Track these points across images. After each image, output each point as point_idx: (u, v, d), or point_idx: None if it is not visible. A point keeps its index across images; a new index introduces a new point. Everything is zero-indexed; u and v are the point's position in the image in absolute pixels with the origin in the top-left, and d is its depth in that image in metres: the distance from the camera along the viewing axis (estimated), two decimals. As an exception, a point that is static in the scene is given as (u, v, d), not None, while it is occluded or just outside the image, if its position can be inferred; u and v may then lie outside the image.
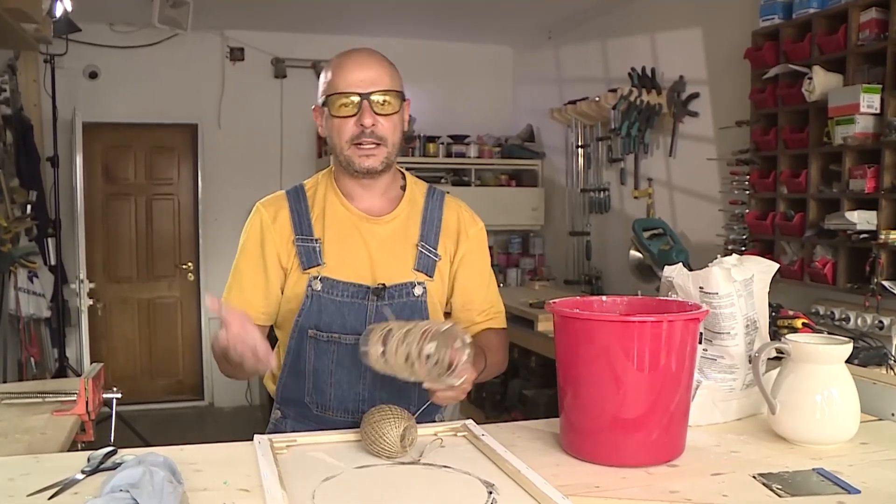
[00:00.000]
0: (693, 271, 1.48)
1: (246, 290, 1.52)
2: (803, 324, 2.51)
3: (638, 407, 1.24)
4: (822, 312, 2.87)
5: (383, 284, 1.48)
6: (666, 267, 1.53)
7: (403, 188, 1.58)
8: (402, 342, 1.23)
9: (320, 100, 1.49)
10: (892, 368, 2.21)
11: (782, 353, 1.40)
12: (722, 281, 1.44)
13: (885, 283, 2.57)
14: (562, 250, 5.22)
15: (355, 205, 1.52)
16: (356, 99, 1.43)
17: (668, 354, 1.24)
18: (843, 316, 2.78)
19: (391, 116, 1.46)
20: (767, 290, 1.53)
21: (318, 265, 1.48)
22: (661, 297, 1.52)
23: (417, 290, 1.51)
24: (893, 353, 2.37)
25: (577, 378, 1.29)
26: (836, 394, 1.35)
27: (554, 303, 1.34)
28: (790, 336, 1.42)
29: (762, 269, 1.52)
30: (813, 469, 1.23)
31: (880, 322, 2.65)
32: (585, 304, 1.44)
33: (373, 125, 1.44)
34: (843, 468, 1.23)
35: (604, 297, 1.46)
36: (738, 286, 1.46)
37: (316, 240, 1.49)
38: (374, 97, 1.43)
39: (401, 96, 1.49)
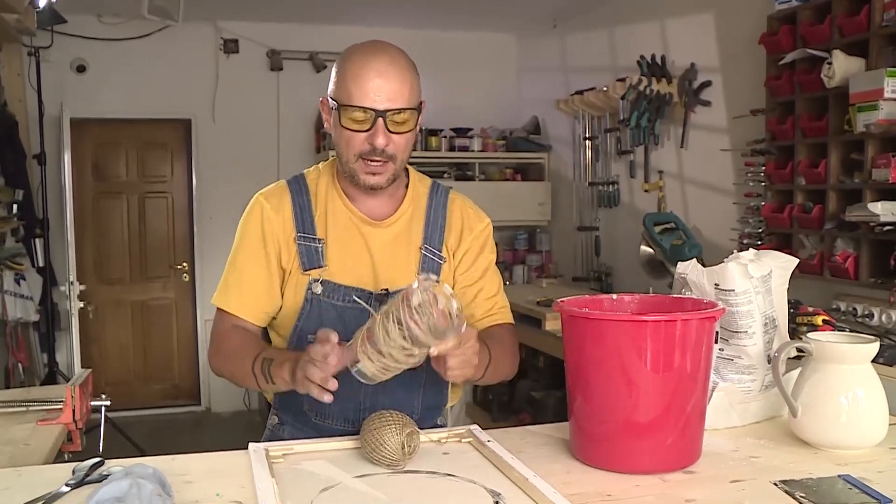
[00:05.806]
0: (708, 267, 1.42)
1: (247, 288, 1.43)
2: (824, 321, 2.43)
3: (652, 410, 1.19)
4: (843, 309, 2.77)
5: (387, 290, 1.42)
6: (679, 263, 1.47)
7: (407, 185, 1.52)
8: (386, 323, 1.13)
9: (331, 101, 1.39)
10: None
11: (803, 352, 1.33)
12: (738, 277, 1.38)
13: (911, 278, 2.48)
14: (570, 246, 5.13)
15: (357, 207, 1.46)
16: (371, 115, 1.33)
17: (683, 355, 1.19)
18: (866, 312, 2.69)
19: (405, 134, 1.38)
20: (787, 286, 1.46)
21: (320, 267, 1.42)
22: (675, 295, 1.45)
23: None
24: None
25: (587, 380, 1.24)
26: (863, 395, 1.29)
27: (562, 302, 1.28)
28: (812, 335, 1.35)
29: (781, 265, 1.46)
30: (839, 476, 1.18)
31: (905, 318, 2.56)
32: (595, 303, 1.38)
33: (385, 145, 1.35)
34: (872, 475, 1.18)
35: (614, 296, 1.40)
36: (756, 282, 1.40)
37: (318, 240, 1.42)
38: (390, 115, 1.34)
39: (418, 109, 1.40)
